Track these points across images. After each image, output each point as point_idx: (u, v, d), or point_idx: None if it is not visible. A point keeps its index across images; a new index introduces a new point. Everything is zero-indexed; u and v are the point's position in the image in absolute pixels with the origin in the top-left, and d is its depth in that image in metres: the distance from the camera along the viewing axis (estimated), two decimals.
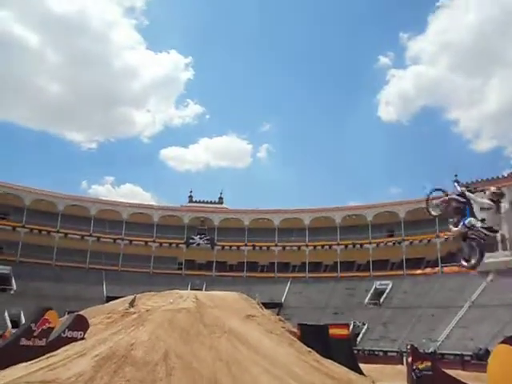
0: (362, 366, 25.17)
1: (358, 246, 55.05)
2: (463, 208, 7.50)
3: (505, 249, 43.39)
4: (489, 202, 6.97)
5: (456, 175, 51.72)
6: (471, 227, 7.06)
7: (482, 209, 7.08)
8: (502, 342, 5.15)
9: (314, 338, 22.17)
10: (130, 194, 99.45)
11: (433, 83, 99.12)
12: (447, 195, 8.10)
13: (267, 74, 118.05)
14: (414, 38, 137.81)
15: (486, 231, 6.94)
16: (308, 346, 19.03)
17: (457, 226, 7.45)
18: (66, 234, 55.59)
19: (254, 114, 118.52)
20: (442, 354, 35.24)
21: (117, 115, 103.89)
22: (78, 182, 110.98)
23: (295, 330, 23.23)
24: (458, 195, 7.70)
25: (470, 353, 33.71)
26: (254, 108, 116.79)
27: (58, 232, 55.25)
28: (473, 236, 7.16)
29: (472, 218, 7.11)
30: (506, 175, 49.02)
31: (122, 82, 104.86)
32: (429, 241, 50.75)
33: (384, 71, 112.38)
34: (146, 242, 58.44)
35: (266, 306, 27.31)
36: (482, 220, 6.95)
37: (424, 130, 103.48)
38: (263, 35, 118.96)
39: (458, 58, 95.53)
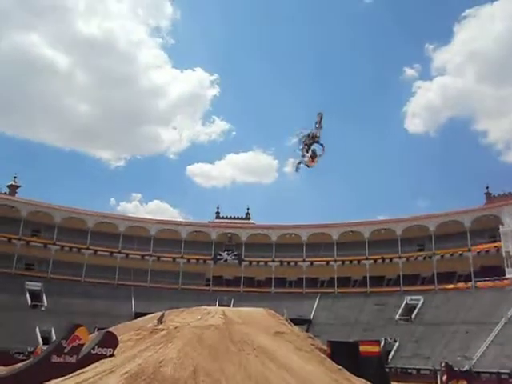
0: None
1: (388, 260, 54.14)
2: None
3: None
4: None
5: (487, 187, 50.47)
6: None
7: None
8: None
9: (345, 355, 21.70)
10: (158, 210, 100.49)
11: (460, 94, 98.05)
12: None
13: (292, 89, 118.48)
14: (440, 49, 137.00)
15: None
16: (338, 364, 18.64)
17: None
18: (95, 251, 56.33)
19: (280, 128, 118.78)
20: (478, 373, 34.09)
21: (144, 133, 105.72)
22: (107, 199, 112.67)
23: (325, 347, 22.86)
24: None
25: (507, 371, 32.56)
26: (279, 123, 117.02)
27: (87, 249, 56.05)
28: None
29: None
30: None
31: (149, 101, 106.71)
32: (460, 254, 49.58)
33: (410, 83, 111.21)
34: (174, 259, 58.69)
35: (295, 322, 26.96)
36: None
37: (452, 141, 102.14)
38: (286, 50, 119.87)
39: (485, 68, 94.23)
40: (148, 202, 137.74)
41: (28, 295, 49.26)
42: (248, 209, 65.81)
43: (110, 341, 17.22)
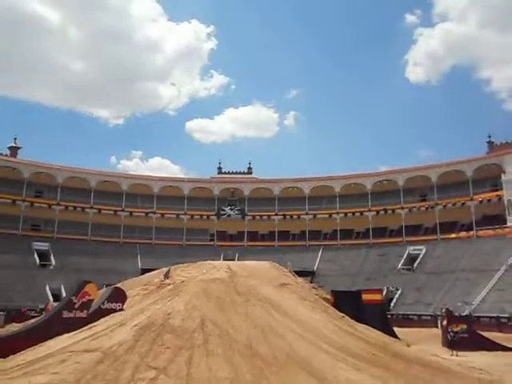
0: (396, 329, 25.30)
1: (390, 211, 54.52)
2: None
3: None
4: None
5: (490, 136, 50.23)
6: None
7: None
8: None
9: (348, 303, 22.33)
10: (159, 167, 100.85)
11: (462, 41, 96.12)
12: None
13: (291, 39, 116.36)
14: None
15: None
16: (342, 312, 19.17)
17: None
18: (99, 210, 56.82)
19: (279, 81, 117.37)
20: (478, 317, 34.99)
21: (142, 90, 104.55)
22: (107, 157, 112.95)
23: (328, 296, 23.42)
24: None
25: (506, 315, 33.39)
26: (278, 75, 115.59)
27: (91, 208, 56.51)
28: None
29: None
30: None
31: (145, 56, 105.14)
32: (463, 204, 49.87)
33: (411, 30, 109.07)
34: (178, 215, 59.21)
35: (299, 274, 27.49)
36: None
37: (455, 90, 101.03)
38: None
39: (488, 14, 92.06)
40: (149, 159, 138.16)
41: (36, 255, 50.08)
42: (250, 163, 65.95)
43: (119, 296, 17.70)
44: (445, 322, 24.00)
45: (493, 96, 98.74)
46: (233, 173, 64.92)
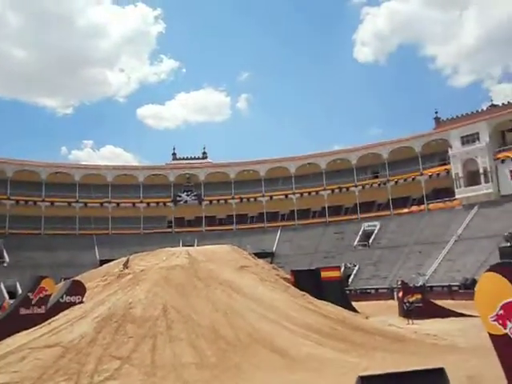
0: (354, 304, 26.15)
1: (345, 189, 55.53)
2: None
3: (487, 181, 44.24)
4: None
5: (436, 112, 51.47)
6: None
7: None
8: (488, 270, 5.41)
9: (307, 282, 22.87)
10: (112, 155, 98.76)
11: (407, 19, 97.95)
12: None
13: (240, 20, 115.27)
14: None
15: None
16: (302, 290, 19.62)
17: None
18: (52, 203, 55.24)
19: (230, 64, 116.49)
20: (431, 287, 36.52)
21: (89, 77, 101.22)
22: (57, 148, 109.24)
23: (288, 276, 23.89)
24: None
25: (457, 283, 34.96)
26: (229, 58, 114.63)
27: (43, 201, 54.89)
28: None
29: None
30: (484, 109, 49.39)
31: (91, 42, 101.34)
32: (413, 179, 51.34)
33: (358, 10, 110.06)
34: (134, 204, 58.39)
35: (258, 256, 27.87)
36: None
37: (401, 68, 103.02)
38: None
39: None
40: (100, 148, 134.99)
41: None
42: (204, 148, 65.48)
43: (78, 289, 17.47)
44: (400, 294, 24.93)
45: (438, 73, 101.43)
46: (188, 158, 64.36)
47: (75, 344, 11.74)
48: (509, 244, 33.60)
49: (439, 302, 25.09)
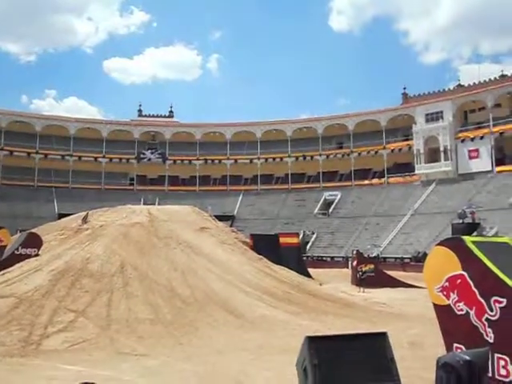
0: (310, 270, 26.83)
1: (309, 158, 55.93)
2: None
3: (446, 159, 45.42)
4: None
5: (405, 88, 51.89)
6: None
7: None
8: (438, 244, 5.69)
9: (266, 246, 23.23)
10: (75, 108, 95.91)
11: None
12: None
13: None
14: None
15: None
16: (260, 254, 19.98)
17: None
18: (11, 152, 53.50)
19: (203, 22, 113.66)
20: (385, 258, 37.79)
21: (55, 23, 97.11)
22: (17, 96, 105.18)
23: (248, 240, 24.20)
24: None
25: (409, 256, 36.28)
26: (202, 15, 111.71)
27: (2, 150, 53.11)
28: None
29: None
30: (451, 88, 50.27)
31: None
32: (376, 152, 52.13)
33: None
34: (96, 158, 57.21)
35: (219, 218, 28.06)
36: None
37: (374, 40, 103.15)
38: None
39: None
40: (64, 99, 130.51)
41: None
42: (171, 107, 64.46)
43: (34, 241, 17.24)
44: (355, 263, 25.72)
45: (409, 48, 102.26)
46: (154, 116, 63.24)
47: (29, 296, 11.71)
48: (461, 221, 34.96)
49: (391, 273, 26.05)
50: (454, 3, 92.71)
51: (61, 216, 32.34)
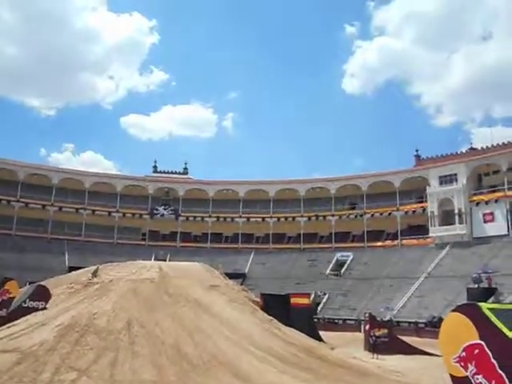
0: (322, 333, 26.06)
1: (321, 218, 55.84)
2: None
3: (461, 223, 44.98)
4: None
5: (417, 150, 52.51)
6: None
7: None
8: (454, 311, 5.47)
9: (276, 306, 22.74)
10: (91, 162, 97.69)
11: (397, 56, 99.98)
12: None
13: (233, 41, 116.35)
14: (380, 8, 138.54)
15: None
16: (270, 315, 19.52)
17: None
18: (26, 204, 54.28)
19: (219, 81, 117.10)
20: (398, 322, 36.67)
21: (77, 81, 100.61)
22: (37, 149, 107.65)
23: (258, 299, 23.75)
24: None
25: (424, 321, 35.19)
26: (219, 76, 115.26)
27: (18, 201, 53.89)
28: None
29: None
30: (464, 151, 50.55)
31: (83, 46, 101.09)
32: (389, 214, 51.94)
33: (350, 41, 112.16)
34: (109, 213, 57.70)
35: (230, 276, 27.72)
36: None
37: (387, 103, 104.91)
38: (229, 1, 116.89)
39: (422, 31, 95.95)
40: (81, 153, 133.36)
41: None
42: (186, 163, 65.51)
43: (43, 294, 17.07)
44: (367, 327, 24.96)
45: (422, 111, 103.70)
46: (168, 172, 64.19)
47: (33, 351, 11.45)
48: (477, 285, 34.11)
49: (405, 338, 25.19)
50: (465, 67, 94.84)
51: (71, 269, 32.22)
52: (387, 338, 23.45)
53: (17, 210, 53.48)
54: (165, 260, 40.73)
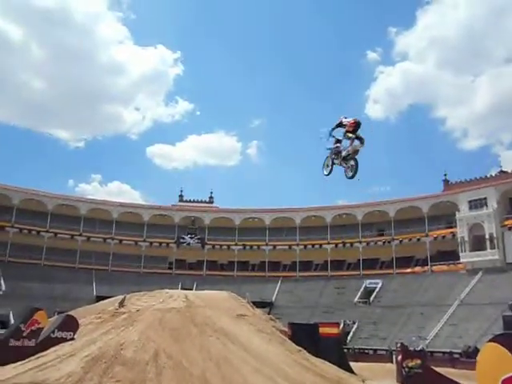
0: (352, 364, 25.34)
1: (349, 244, 55.19)
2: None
3: (493, 248, 43.82)
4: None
5: (445, 174, 51.40)
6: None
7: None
8: (491, 341, 5.23)
9: (305, 336, 22.29)
10: (118, 192, 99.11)
11: (420, 80, 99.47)
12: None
13: (256, 70, 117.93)
14: (402, 33, 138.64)
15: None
16: (298, 345, 19.13)
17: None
18: (55, 234, 55.21)
19: (243, 110, 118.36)
20: (432, 352, 35.46)
21: (104, 112, 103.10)
22: (65, 180, 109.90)
23: (286, 329, 23.35)
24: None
25: (459, 350, 33.98)
26: (243, 104, 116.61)
27: (47, 232, 54.87)
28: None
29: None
30: (493, 175, 49.59)
31: (110, 79, 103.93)
32: (418, 239, 51.02)
33: (372, 67, 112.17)
34: (136, 242, 58.20)
35: (257, 305, 27.40)
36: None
37: (412, 128, 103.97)
38: (252, 30, 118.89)
39: (446, 55, 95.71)
40: (108, 183, 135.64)
41: None
42: (211, 192, 65.88)
43: (71, 324, 17.12)
44: (400, 358, 24.17)
45: (448, 135, 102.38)
46: (194, 201, 64.66)
47: (61, 383, 11.42)
48: None
49: (439, 370, 24.26)
50: (490, 90, 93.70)
51: (99, 298, 32.47)
52: (421, 370, 22.61)
53: (46, 240, 54.38)
54: (191, 289, 40.62)
